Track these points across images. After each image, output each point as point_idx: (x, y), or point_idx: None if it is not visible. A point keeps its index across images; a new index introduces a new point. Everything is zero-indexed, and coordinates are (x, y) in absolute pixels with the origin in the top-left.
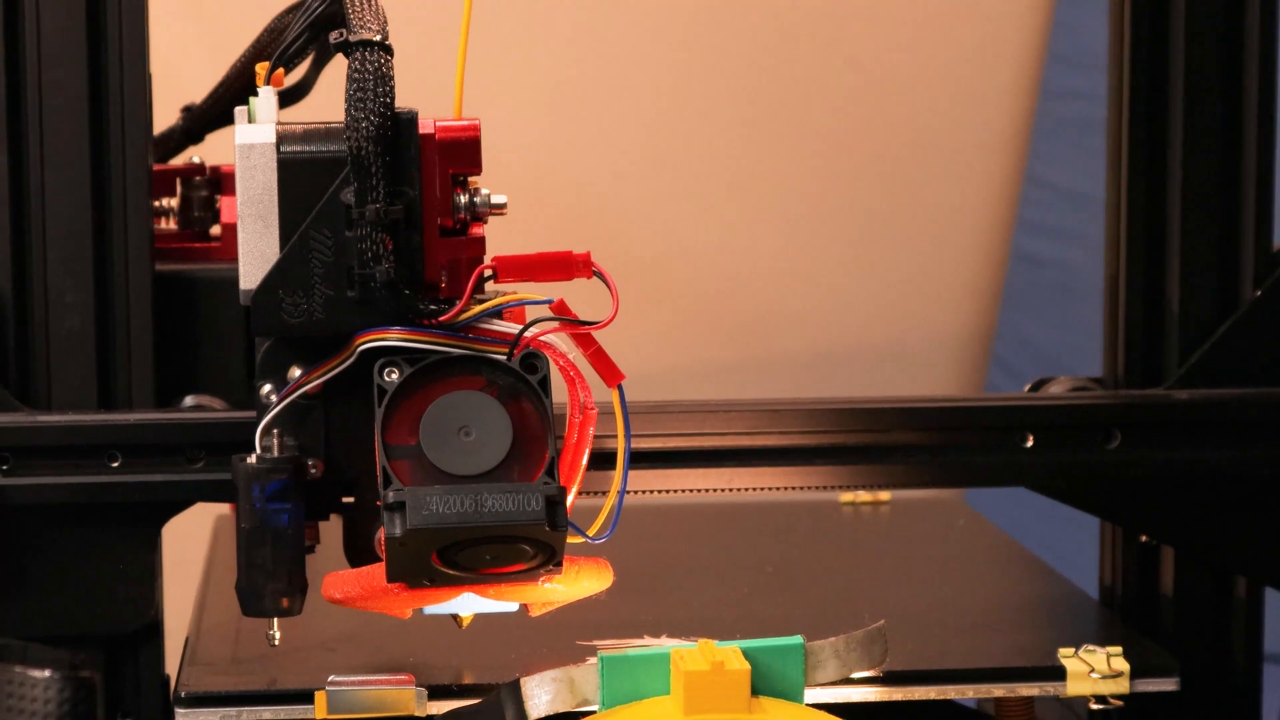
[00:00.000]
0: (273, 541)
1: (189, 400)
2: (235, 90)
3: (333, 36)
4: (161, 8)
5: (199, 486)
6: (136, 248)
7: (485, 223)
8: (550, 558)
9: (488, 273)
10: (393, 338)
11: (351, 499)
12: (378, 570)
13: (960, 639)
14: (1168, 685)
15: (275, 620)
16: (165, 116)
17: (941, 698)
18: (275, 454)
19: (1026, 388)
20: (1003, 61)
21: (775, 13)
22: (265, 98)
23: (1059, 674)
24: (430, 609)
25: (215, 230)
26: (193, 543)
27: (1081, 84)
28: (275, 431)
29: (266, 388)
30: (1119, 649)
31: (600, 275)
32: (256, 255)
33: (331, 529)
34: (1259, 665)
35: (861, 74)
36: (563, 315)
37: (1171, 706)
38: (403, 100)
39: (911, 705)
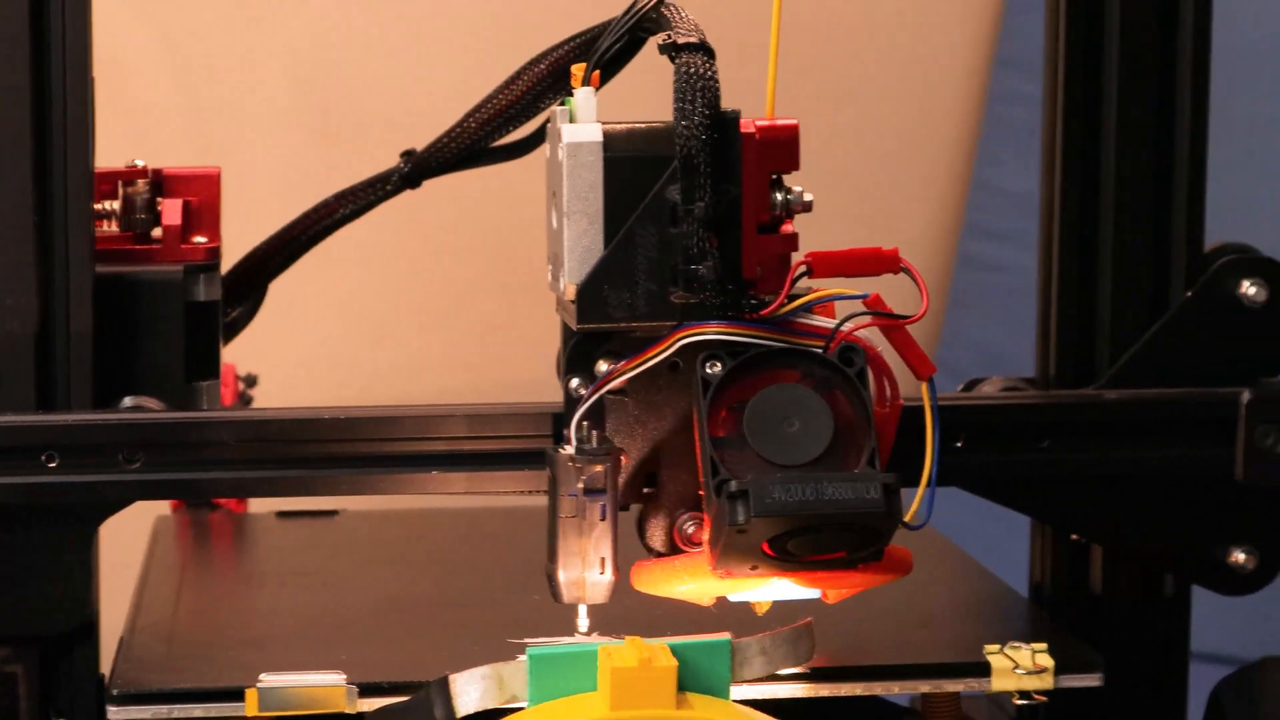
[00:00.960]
0: (589, 532)
1: (128, 401)
2: (466, 141)
3: (659, 38)
4: (105, 7)
5: (137, 486)
6: (78, 251)
7: (793, 219)
8: (875, 546)
9: (802, 269)
10: (713, 331)
11: (649, 489)
12: (687, 559)
13: (888, 635)
14: (1091, 681)
15: (584, 608)
16: (108, 117)
17: (868, 694)
18: (593, 445)
19: (959, 388)
20: (951, 66)
21: (723, 19)
22: (585, 97)
23: (984, 670)
24: (736, 596)
25: (156, 232)
26: (131, 542)
27: (1029, 89)
28: (586, 424)
29: (575, 381)
30: (1044, 645)
31: (908, 271)
32: (581, 250)
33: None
34: (1185, 662)
35: (810, 79)
36: (878, 309)
37: (1096, 702)
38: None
39: (839, 701)
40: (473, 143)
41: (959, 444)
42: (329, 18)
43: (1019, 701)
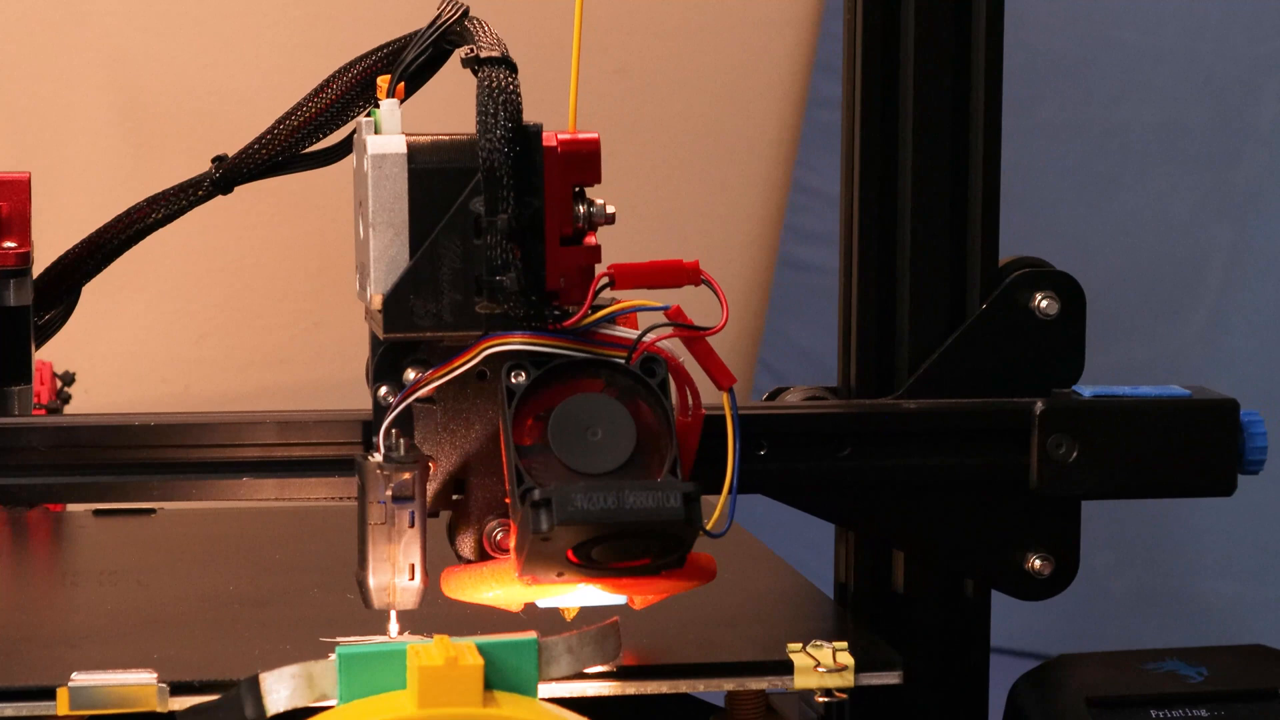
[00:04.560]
0: (398, 538)
1: None
2: (277, 148)
3: (461, 53)
4: None
5: None
6: None
7: (596, 231)
8: (677, 552)
9: (604, 280)
10: (518, 341)
11: (459, 496)
12: (495, 566)
13: (695, 635)
14: (891, 679)
15: (394, 614)
16: None
17: (674, 691)
18: (401, 453)
19: (764, 397)
20: (771, 70)
21: (544, 19)
22: (390, 109)
23: (786, 668)
24: (544, 602)
25: None
26: None
27: None
28: (395, 431)
29: (383, 389)
30: (845, 644)
31: (708, 283)
32: (387, 261)
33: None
34: (985, 660)
35: (631, 81)
36: (679, 321)
37: (897, 699)
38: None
39: (646, 699)
40: (283, 149)
41: (762, 452)
42: (143, 22)
43: (821, 699)
